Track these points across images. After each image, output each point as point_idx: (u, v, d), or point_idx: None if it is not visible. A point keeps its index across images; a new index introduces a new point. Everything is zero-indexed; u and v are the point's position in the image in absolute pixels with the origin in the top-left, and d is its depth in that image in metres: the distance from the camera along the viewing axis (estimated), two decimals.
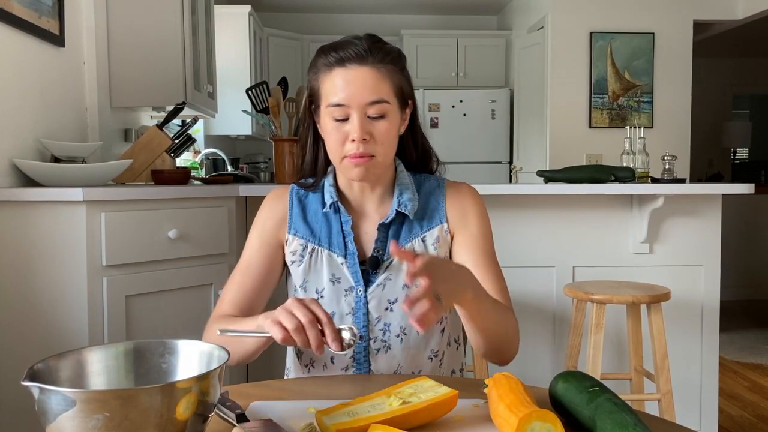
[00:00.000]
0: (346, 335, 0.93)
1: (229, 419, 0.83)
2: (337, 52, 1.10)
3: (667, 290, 2.08)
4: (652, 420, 0.88)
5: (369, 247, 1.18)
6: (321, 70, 1.12)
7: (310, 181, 1.24)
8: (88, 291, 1.77)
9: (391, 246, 0.89)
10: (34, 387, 0.64)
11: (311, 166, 1.23)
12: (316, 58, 1.14)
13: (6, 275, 1.76)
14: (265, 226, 1.22)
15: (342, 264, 1.16)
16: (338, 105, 1.09)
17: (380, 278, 1.16)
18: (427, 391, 0.85)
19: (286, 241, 1.20)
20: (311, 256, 1.18)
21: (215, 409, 0.77)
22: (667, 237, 2.54)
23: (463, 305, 0.97)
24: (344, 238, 1.18)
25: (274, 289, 1.23)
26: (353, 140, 1.09)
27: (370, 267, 1.17)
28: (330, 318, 0.92)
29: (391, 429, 0.75)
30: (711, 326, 2.56)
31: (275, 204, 1.23)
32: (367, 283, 1.16)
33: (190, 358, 0.78)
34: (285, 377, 1.29)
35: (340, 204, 1.18)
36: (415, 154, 1.25)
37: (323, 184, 1.21)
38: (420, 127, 1.25)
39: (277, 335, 0.92)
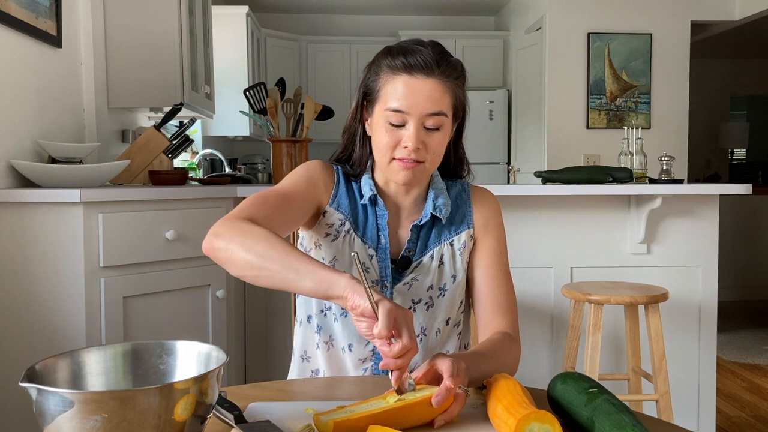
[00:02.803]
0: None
1: (227, 420, 0.83)
2: (406, 58, 1.08)
3: (664, 291, 2.09)
4: (650, 420, 0.88)
5: (398, 245, 1.20)
6: (384, 72, 1.11)
7: (349, 169, 1.23)
8: (86, 292, 1.77)
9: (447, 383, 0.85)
10: (31, 388, 0.63)
11: (359, 161, 1.21)
12: (380, 58, 1.13)
13: (3, 276, 1.76)
14: (315, 176, 1.18)
15: (372, 256, 1.17)
16: (397, 111, 1.08)
17: (408, 278, 1.17)
18: (423, 391, 0.85)
19: (324, 212, 1.18)
20: (345, 236, 1.17)
21: (213, 410, 0.77)
22: (665, 237, 2.54)
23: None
24: (378, 231, 1.18)
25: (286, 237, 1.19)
26: (405, 147, 1.09)
27: (400, 266, 1.17)
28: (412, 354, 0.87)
29: (388, 430, 0.76)
30: (708, 327, 2.56)
31: (324, 168, 1.20)
32: (394, 280, 1.17)
33: (188, 359, 0.78)
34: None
35: (379, 197, 1.18)
36: (452, 162, 1.26)
37: (362, 177, 1.21)
38: (462, 138, 1.25)
39: (361, 326, 0.87)
